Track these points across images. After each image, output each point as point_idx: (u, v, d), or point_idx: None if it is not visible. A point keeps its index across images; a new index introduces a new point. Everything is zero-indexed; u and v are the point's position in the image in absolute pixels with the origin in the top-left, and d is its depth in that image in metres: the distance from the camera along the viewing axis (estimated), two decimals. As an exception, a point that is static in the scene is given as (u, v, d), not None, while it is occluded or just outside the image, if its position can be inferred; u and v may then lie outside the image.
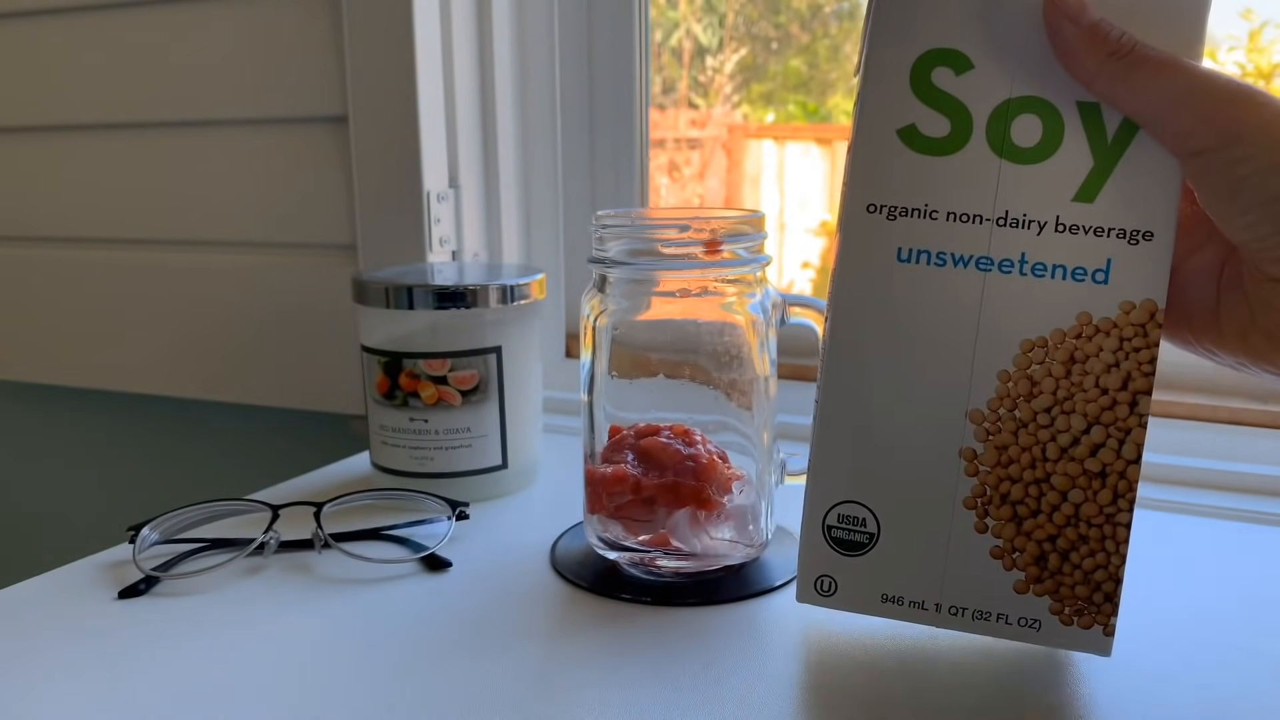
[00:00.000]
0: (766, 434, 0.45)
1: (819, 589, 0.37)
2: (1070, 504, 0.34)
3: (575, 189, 0.74)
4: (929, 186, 0.34)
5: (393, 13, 0.65)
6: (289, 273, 0.75)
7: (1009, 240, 0.34)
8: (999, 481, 0.35)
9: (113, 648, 0.39)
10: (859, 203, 0.35)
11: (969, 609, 0.36)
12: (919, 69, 0.34)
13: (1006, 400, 0.34)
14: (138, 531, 0.47)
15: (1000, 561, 0.35)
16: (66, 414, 0.92)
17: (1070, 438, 0.34)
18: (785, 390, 0.66)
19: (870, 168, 0.34)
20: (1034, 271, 0.33)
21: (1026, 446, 0.34)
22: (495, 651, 0.39)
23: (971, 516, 0.35)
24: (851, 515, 0.36)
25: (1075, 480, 0.34)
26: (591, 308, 0.45)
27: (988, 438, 0.34)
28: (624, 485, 0.43)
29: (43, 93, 0.81)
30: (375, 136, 0.68)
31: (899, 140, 0.34)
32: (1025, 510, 0.35)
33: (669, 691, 0.36)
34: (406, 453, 0.55)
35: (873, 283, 0.35)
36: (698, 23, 0.87)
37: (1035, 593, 0.35)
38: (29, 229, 0.85)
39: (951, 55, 0.33)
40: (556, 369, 0.75)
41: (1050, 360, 0.33)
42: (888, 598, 0.37)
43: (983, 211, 0.34)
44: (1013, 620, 0.35)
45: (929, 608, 0.36)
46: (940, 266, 0.34)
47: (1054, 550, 0.35)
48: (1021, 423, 0.34)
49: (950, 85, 0.33)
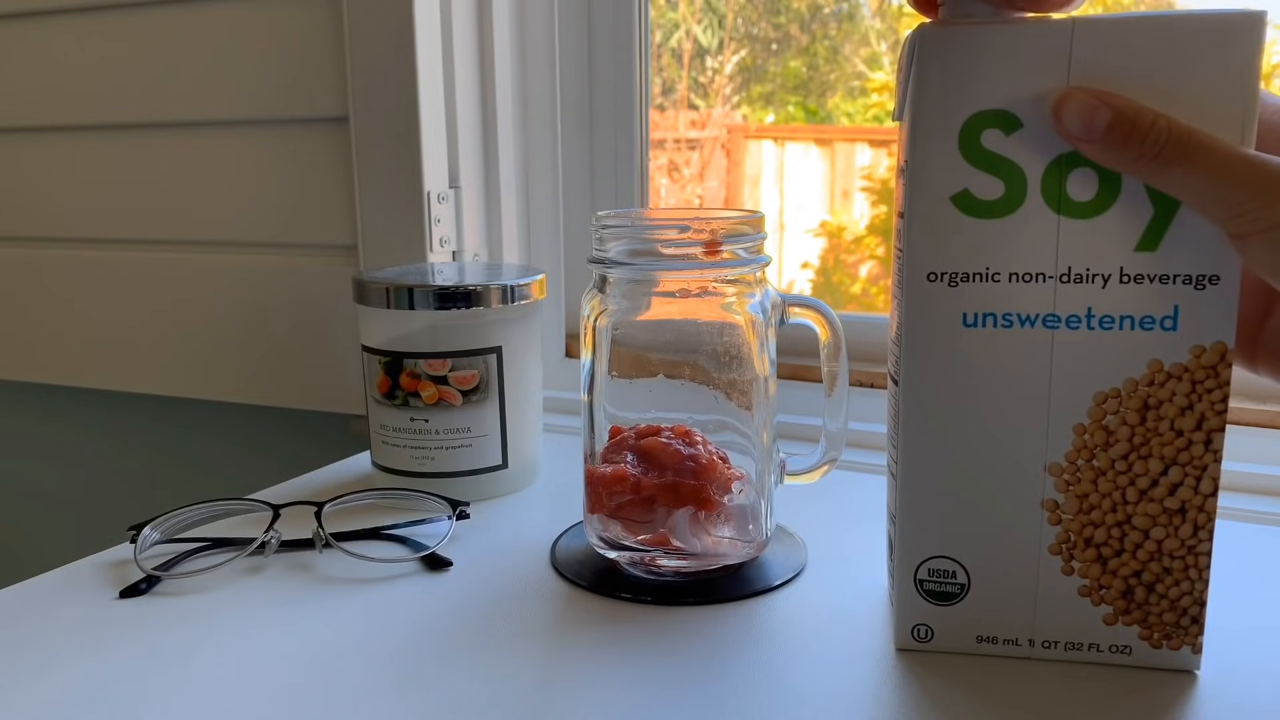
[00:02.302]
0: (766, 434, 0.45)
1: (916, 636, 0.38)
2: (1153, 541, 0.35)
3: (575, 189, 0.74)
4: (988, 250, 0.34)
5: (393, 13, 0.66)
6: (289, 273, 0.75)
7: (1074, 296, 0.33)
8: (1082, 527, 0.35)
9: (113, 648, 0.39)
10: (919, 273, 0.34)
11: (1061, 642, 0.37)
12: (967, 132, 0.33)
13: (1084, 451, 0.35)
14: (139, 531, 0.47)
15: (1088, 599, 0.36)
16: (66, 414, 0.92)
17: (1149, 480, 0.34)
18: (785, 390, 0.67)
19: (927, 237, 0.34)
20: (1101, 324, 0.33)
21: (1107, 493, 0.35)
22: (495, 651, 0.39)
23: (1058, 561, 0.36)
24: (941, 569, 0.37)
25: (1156, 519, 0.35)
26: (591, 308, 0.45)
27: (1068, 488, 0.35)
28: (624, 485, 0.43)
29: (43, 93, 0.81)
30: (376, 137, 0.68)
31: (953, 207, 0.34)
32: (1109, 551, 0.35)
33: (669, 691, 0.36)
34: (407, 452, 0.55)
35: (941, 349, 0.35)
36: (697, 24, 0.87)
37: (1124, 623, 0.36)
38: (29, 229, 0.85)
39: (1000, 116, 0.33)
40: (556, 369, 0.75)
41: (1124, 409, 0.34)
42: (982, 639, 0.37)
43: (1045, 270, 0.33)
44: (1104, 648, 0.36)
45: (1022, 644, 0.37)
46: (1008, 328, 0.34)
47: (1140, 584, 0.35)
48: (1100, 471, 0.35)
49: (1000, 146, 0.33)
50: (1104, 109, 0.31)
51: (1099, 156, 0.32)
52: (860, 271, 1.18)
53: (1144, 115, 0.31)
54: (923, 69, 0.33)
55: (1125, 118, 0.31)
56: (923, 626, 0.38)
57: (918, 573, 0.37)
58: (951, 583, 0.37)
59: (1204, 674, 0.36)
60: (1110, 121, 0.31)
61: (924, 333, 0.35)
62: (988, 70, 0.32)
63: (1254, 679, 0.36)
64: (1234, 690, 0.36)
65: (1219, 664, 0.37)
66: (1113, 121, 0.31)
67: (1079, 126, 0.31)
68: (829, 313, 0.46)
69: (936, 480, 0.36)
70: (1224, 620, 0.40)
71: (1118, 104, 0.31)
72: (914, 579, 0.37)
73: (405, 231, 0.69)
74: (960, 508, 0.36)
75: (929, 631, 0.38)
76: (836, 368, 0.46)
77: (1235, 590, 0.44)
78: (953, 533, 0.37)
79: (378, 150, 0.69)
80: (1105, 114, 0.31)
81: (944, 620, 0.38)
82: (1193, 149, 0.30)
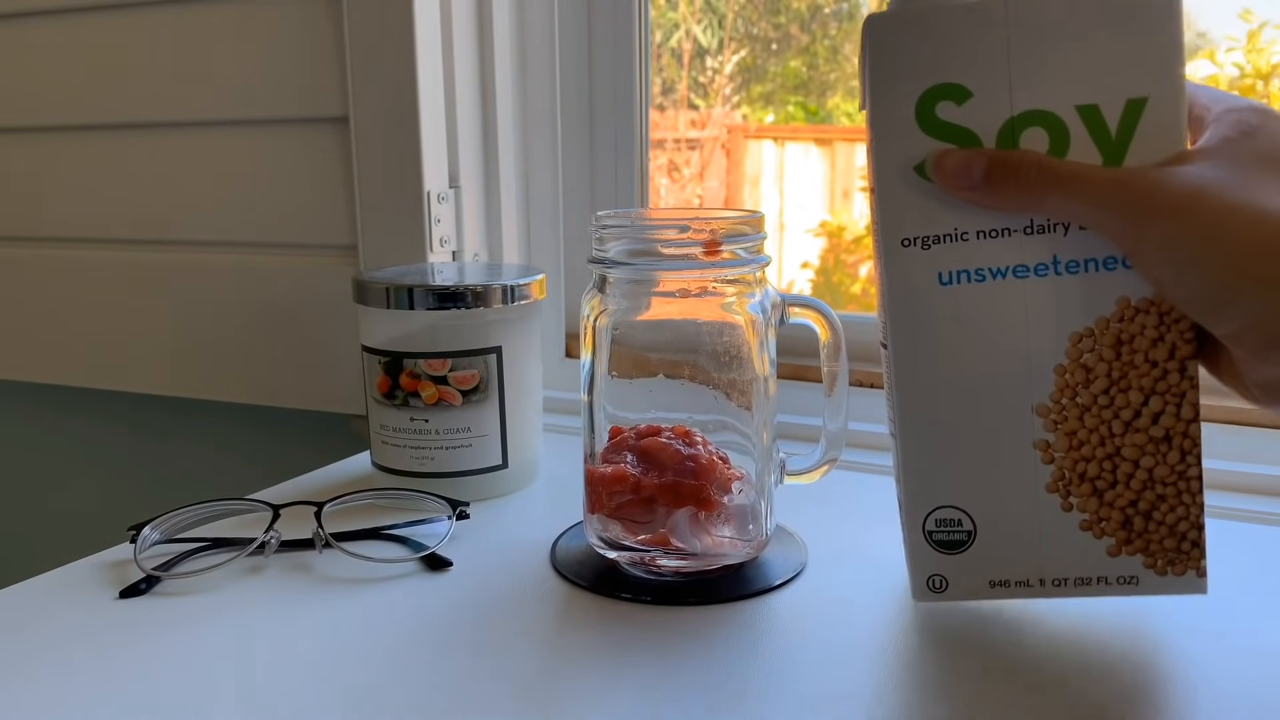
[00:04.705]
0: (766, 434, 0.45)
1: (931, 587, 0.40)
2: (1143, 470, 0.36)
3: (575, 189, 0.74)
4: (955, 212, 0.36)
5: (393, 13, 0.66)
6: (289, 273, 0.75)
7: (1039, 245, 0.35)
8: (1075, 463, 0.37)
9: (113, 648, 0.39)
10: (893, 240, 0.36)
11: (1070, 578, 0.38)
12: (923, 107, 0.35)
13: (1067, 390, 0.36)
14: (138, 531, 0.47)
15: (1090, 533, 0.37)
16: (66, 414, 0.92)
17: (1131, 412, 0.36)
18: (785, 390, 0.67)
19: (897, 207, 0.36)
20: (1068, 269, 0.35)
21: (1093, 428, 0.36)
22: (495, 651, 0.39)
23: (1056, 499, 0.37)
24: (947, 518, 0.39)
25: (1144, 448, 0.36)
26: (591, 308, 0.45)
27: (1056, 428, 0.37)
28: (624, 485, 0.43)
29: (43, 93, 0.81)
30: (376, 137, 0.68)
31: (917, 176, 0.36)
32: (1104, 484, 0.37)
33: (669, 691, 0.36)
34: (407, 452, 0.55)
35: (922, 309, 0.37)
36: (697, 24, 0.87)
37: (1127, 553, 0.37)
38: (29, 229, 0.85)
39: (951, 89, 0.35)
40: (556, 369, 0.75)
41: (1099, 347, 0.36)
42: (995, 583, 0.39)
43: (1010, 224, 0.35)
44: (1111, 580, 0.38)
45: (1034, 584, 0.38)
46: (981, 281, 0.36)
47: (1137, 514, 0.37)
48: (1084, 408, 0.36)
49: (954, 116, 0.35)
50: (978, 158, 0.34)
51: (986, 201, 0.35)
52: (860, 271, 1.18)
53: (1013, 156, 0.34)
54: (876, 54, 0.35)
55: (998, 162, 0.34)
56: (937, 577, 0.39)
57: (925, 524, 0.39)
58: (959, 530, 0.38)
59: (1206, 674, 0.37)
60: (986, 168, 0.34)
61: (905, 295, 0.37)
62: (935, 49, 0.35)
63: (1252, 676, 0.36)
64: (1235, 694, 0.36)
65: (1220, 666, 0.37)
66: (988, 168, 0.34)
67: (961, 180, 0.34)
68: (829, 313, 0.46)
69: (932, 434, 0.38)
70: (1225, 620, 0.40)
71: (989, 153, 0.34)
72: (923, 531, 0.39)
73: (405, 231, 0.69)
74: (958, 457, 0.38)
75: (943, 581, 0.39)
76: (836, 368, 0.46)
77: (1236, 590, 0.44)
78: (953, 482, 0.38)
79: (378, 150, 0.69)
80: (980, 162, 0.34)
81: (956, 568, 0.39)
82: (1063, 178, 0.33)
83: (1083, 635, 0.40)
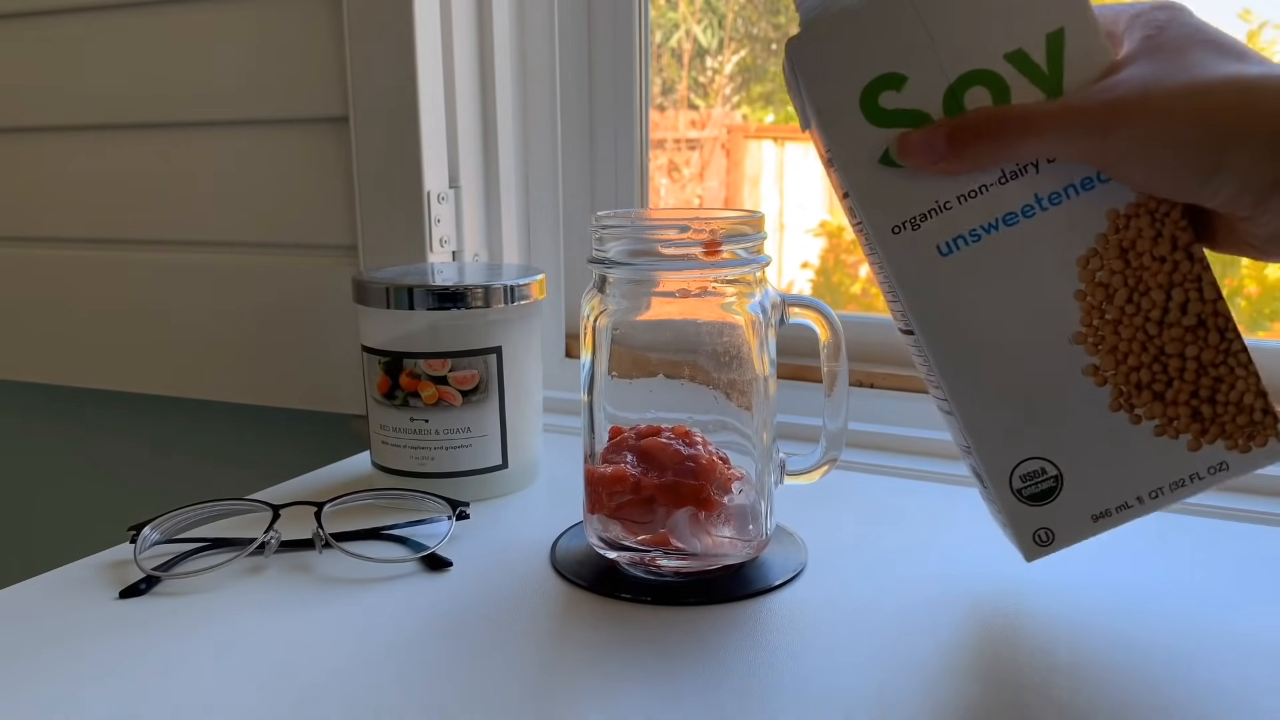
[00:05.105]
0: (766, 434, 0.45)
1: (1039, 542, 0.39)
2: (1191, 360, 0.37)
3: (575, 189, 0.74)
4: (930, 186, 0.37)
5: (393, 13, 0.66)
6: (289, 273, 0.75)
7: (1018, 190, 0.36)
8: (1127, 376, 0.37)
9: (113, 648, 0.39)
10: (884, 231, 0.37)
11: (1164, 486, 0.38)
12: (867, 104, 0.36)
13: (1094, 312, 0.37)
14: (138, 531, 0.47)
15: (1166, 436, 0.38)
16: (67, 414, 0.92)
17: (1160, 310, 0.37)
18: (785, 390, 0.67)
19: (876, 200, 0.37)
20: (1052, 202, 0.36)
21: (1131, 337, 0.37)
22: (495, 651, 0.39)
23: (1123, 416, 0.38)
24: (1030, 471, 0.39)
25: (1184, 339, 0.37)
26: (591, 308, 0.45)
27: (1097, 349, 0.37)
28: (624, 485, 0.43)
29: (43, 93, 0.81)
30: (376, 137, 0.68)
31: (883, 167, 0.37)
32: (1160, 385, 0.37)
33: (669, 691, 0.36)
34: (407, 452, 0.55)
35: (934, 282, 0.38)
36: (697, 24, 0.87)
37: (1207, 443, 0.38)
38: (30, 229, 0.85)
39: (886, 79, 0.36)
40: (556, 369, 0.75)
41: (1107, 261, 0.37)
42: (1097, 516, 0.39)
43: (983, 180, 0.37)
44: (1203, 473, 0.38)
45: (1133, 504, 0.38)
46: (978, 241, 0.37)
47: (1202, 402, 0.37)
48: (1116, 321, 0.37)
49: (898, 102, 0.36)
50: (937, 131, 0.35)
51: (958, 166, 0.36)
52: (860, 272, 1.18)
53: (968, 118, 0.35)
54: (807, 72, 0.37)
55: (956, 128, 0.35)
56: (1041, 531, 0.39)
57: (1012, 484, 0.39)
58: (1045, 479, 0.39)
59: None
60: (947, 137, 0.35)
61: (913, 277, 0.38)
62: (858, 49, 0.36)
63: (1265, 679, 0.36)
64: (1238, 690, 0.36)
65: (1221, 666, 0.37)
66: (949, 136, 0.35)
67: (928, 155, 0.36)
68: (829, 313, 0.46)
69: (985, 396, 0.38)
70: (1225, 620, 0.40)
71: (945, 123, 0.36)
72: (1013, 492, 0.39)
73: (405, 231, 0.69)
74: (1017, 409, 0.38)
75: (1048, 533, 0.39)
76: (836, 368, 0.46)
77: (1236, 590, 0.44)
78: (1022, 435, 0.38)
79: (378, 150, 0.69)
80: (940, 133, 0.35)
81: (1056, 516, 0.39)
82: (1019, 121, 0.35)
83: (1083, 635, 0.40)
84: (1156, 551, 0.48)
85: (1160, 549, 0.48)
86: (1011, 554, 0.40)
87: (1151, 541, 0.49)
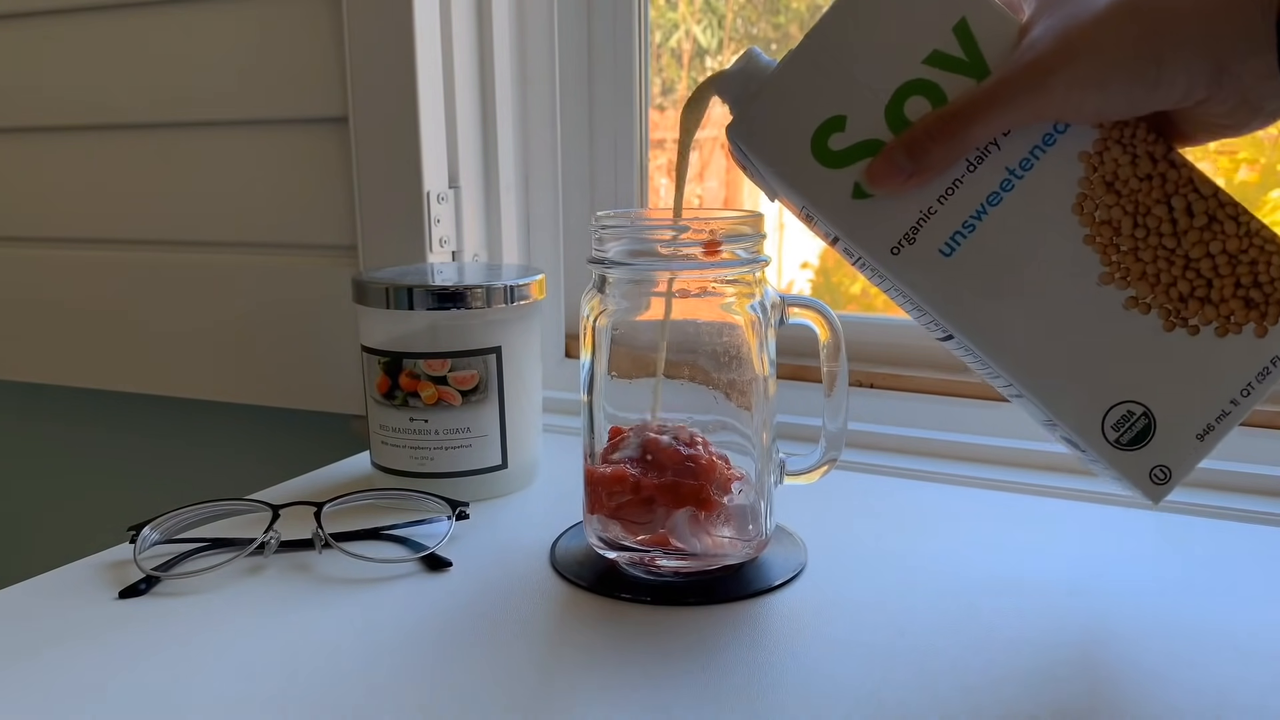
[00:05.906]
0: (766, 434, 0.45)
1: (1158, 480, 0.39)
2: (1219, 255, 0.37)
3: (575, 189, 0.74)
4: (908, 200, 0.38)
5: (393, 13, 0.66)
6: (289, 273, 0.75)
7: (989, 170, 0.37)
8: (1166, 293, 0.38)
9: (113, 648, 0.39)
10: (884, 255, 0.38)
11: (1249, 381, 0.38)
12: (820, 153, 0.38)
13: (1109, 249, 0.38)
14: (138, 531, 0.47)
15: (1230, 335, 0.38)
16: (67, 414, 0.92)
17: (1169, 223, 0.37)
18: (785, 390, 0.67)
19: (864, 234, 0.38)
20: (1024, 168, 0.37)
21: (1154, 258, 0.37)
22: (495, 651, 0.39)
23: (1180, 332, 0.38)
24: (1119, 419, 0.39)
25: (1204, 240, 0.37)
26: (591, 308, 0.45)
27: (1128, 281, 0.38)
28: (624, 485, 0.43)
29: (43, 93, 0.81)
30: (375, 137, 0.68)
31: (857, 202, 0.38)
32: (1202, 290, 0.38)
33: (669, 691, 0.36)
34: (406, 453, 0.55)
35: (952, 282, 0.38)
36: (697, 24, 0.87)
37: (1270, 324, 0.38)
38: (29, 229, 0.85)
39: (828, 124, 0.38)
40: (556, 369, 0.75)
41: (1099, 200, 0.37)
42: (1201, 435, 0.39)
43: (952, 175, 0.37)
44: (1277, 362, 0.38)
45: (1229, 410, 0.39)
46: (974, 230, 0.38)
47: (1248, 289, 0.37)
48: (1134, 249, 0.37)
49: (847, 140, 0.38)
50: (895, 150, 0.37)
51: (927, 175, 0.37)
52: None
53: (917, 128, 0.37)
54: (754, 149, 0.38)
55: (911, 141, 0.36)
56: (1155, 470, 0.39)
57: (1107, 437, 0.39)
58: (1137, 421, 0.39)
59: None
60: (905, 152, 0.36)
61: (930, 287, 0.38)
62: (791, 108, 0.38)
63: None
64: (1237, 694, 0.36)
65: (1221, 667, 0.37)
66: (907, 151, 0.36)
67: (897, 176, 0.37)
68: (829, 313, 0.46)
69: (1048, 364, 0.39)
70: (1225, 621, 0.40)
71: (898, 141, 0.37)
72: (1110, 444, 0.39)
73: (405, 232, 0.69)
74: (1083, 365, 0.38)
75: (1164, 470, 0.39)
76: (836, 368, 0.46)
77: (1237, 591, 0.44)
78: (1098, 386, 0.39)
79: (378, 150, 0.69)
80: (898, 152, 0.37)
81: (1162, 450, 0.39)
82: (964, 112, 0.36)
83: (1083, 634, 0.40)
84: (1157, 551, 0.48)
85: (1160, 549, 0.48)
86: (1011, 553, 0.40)
87: (1152, 541, 0.49)
